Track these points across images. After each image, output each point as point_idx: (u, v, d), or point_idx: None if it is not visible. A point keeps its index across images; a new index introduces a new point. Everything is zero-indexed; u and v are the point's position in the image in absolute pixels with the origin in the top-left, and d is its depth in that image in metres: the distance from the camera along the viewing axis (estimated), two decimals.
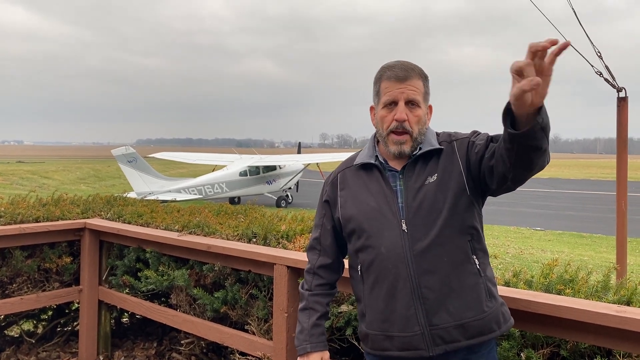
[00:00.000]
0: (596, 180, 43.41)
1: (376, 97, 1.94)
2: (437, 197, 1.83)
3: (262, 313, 3.16)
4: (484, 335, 1.82)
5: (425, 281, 1.80)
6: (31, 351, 4.29)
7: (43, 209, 4.29)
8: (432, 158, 1.90)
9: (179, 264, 3.68)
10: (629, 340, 1.89)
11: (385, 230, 1.86)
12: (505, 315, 1.90)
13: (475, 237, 1.86)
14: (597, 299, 2.16)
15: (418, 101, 1.87)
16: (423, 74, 1.91)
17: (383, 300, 1.87)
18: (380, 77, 1.91)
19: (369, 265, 1.90)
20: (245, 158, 25.38)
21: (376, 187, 1.92)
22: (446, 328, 1.79)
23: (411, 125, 1.86)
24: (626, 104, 4.55)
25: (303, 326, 2.06)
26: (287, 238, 3.33)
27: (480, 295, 1.82)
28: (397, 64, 1.89)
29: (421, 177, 1.88)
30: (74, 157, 74.57)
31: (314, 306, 2.07)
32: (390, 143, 1.89)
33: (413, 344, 1.81)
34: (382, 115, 1.90)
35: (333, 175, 2.10)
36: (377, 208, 1.89)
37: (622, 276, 3.79)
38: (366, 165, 1.97)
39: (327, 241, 2.08)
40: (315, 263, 2.10)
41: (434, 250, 1.81)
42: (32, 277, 4.07)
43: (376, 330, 1.90)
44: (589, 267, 2.53)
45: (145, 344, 4.42)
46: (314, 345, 2.03)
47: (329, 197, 2.06)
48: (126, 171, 21.36)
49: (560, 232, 15.59)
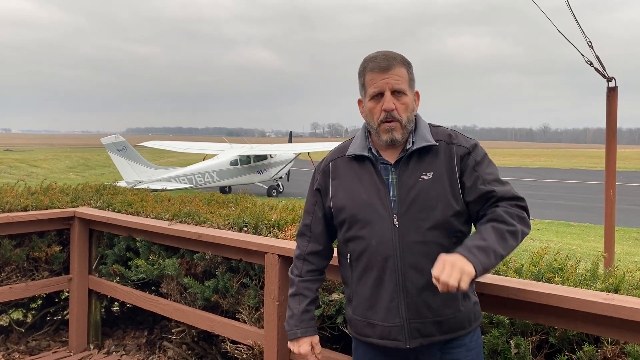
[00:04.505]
0: (584, 169, 43.75)
1: (362, 90, 1.95)
2: (430, 196, 1.85)
3: (253, 301, 3.16)
4: (456, 332, 1.90)
5: (409, 276, 1.85)
6: (21, 340, 4.27)
7: (32, 198, 4.25)
8: (427, 154, 1.90)
9: (169, 253, 3.67)
10: (617, 327, 1.91)
11: (376, 224, 1.88)
12: (476, 314, 1.97)
13: (461, 240, 1.88)
14: (585, 287, 2.18)
15: (404, 89, 1.87)
16: (406, 61, 1.91)
17: (369, 289, 1.92)
18: (363, 69, 1.92)
19: (359, 255, 1.93)
20: (236, 147, 25.29)
21: (368, 179, 1.93)
22: (424, 323, 1.86)
23: (399, 114, 1.87)
24: (616, 94, 4.58)
25: (293, 312, 2.09)
26: (279, 227, 3.33)
27: (457, 295, 1.87)
28: (379, 55, 1.89)
29: (415, 173, 1.88)
30: (63, 145, 73.91)
31: (304, 292, 2.10)
32: (382, 132, 1.89)
33: (392, 334, 1.88)
34: (370, 107, 1.91)
35: (324, 163, 2.09)
36: (369, 201, 1.90)
37: (610, 264, 3.84)
38: (359, 156, 1.97)
39: (318, 229, 2.10)
40: (306, 249, 2.12)
41: (421, 247, 1.84)
42: (21, 266, 4.05)
43: (359, 317, 1.96)
44: (577, 256, 2.55)
45: (135, 332, 4.42)
46: (304, 331, 2.07)
47: (320, 186, 2.06)
48: (116, 160, 21.22)
49: (549, 221, 15.74)
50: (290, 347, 2.11)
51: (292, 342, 2.10)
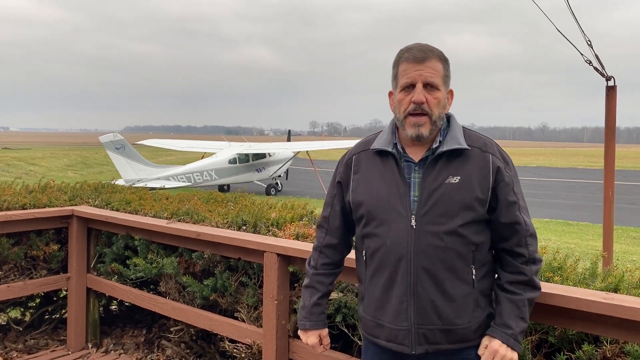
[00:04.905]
0: (583, 168, 43.80)
1: (394, 81, 1.89)
2: (453, 200, 1.79)
3: (251, 300, 3.16)
4: (464, 342, 1.86)
5: (422, 280, 1.80)
6: (19, 339, 4.26)
7: (30, 196, 4.24)
8: (457, 157, 1.83)
9: (168, 252, 3.66)
10: (616, 327, 1.91)
11: (393, 223, 1.83)
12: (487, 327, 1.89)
13: (479, 249, 1.84)
14: (585, 286, 2.18)
15: (437, 84, 1.80)
16: (443, 57, 1.84)
17: (380, 289, 1.88)
18: (398, 59, 1.86)
19: (373, 253, 1.89)
20: (234, 145, 25.26)
21: (390, 176, 1.87)
22: (432, 330, 1.82)
23: (430, 107, 1.80)
24: (614, 93, 4.58)
25: (305, 303, 2.11)
26: (277, 226, 3.33)
27: (469, 305, 1.83)
28: (416, 46, 1.83)
29: (441, 176, 1.82)
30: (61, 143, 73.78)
31: (316, 285, 2.10)
32: (408, 126, 1.82)
33: (399, 338, 1.85)
34: (399, 98, 1.84)
35: (348, 156, 2.03)
36: (388, 198, 1.85)
37: (609, 263, 3.83)
38: (383, 152, 1.91)
39: (336, 222, 2.07)
40: (322, 242, 2.11)
41: (437, 251, 1.79)
42: (19, 265, 4.03)
43: (369, 316, 1.94)
44: (576, 255, 2.55)
45: (134, 331, 4.41)
46: (312, 324, 2.09)
47: (342, 179, 2.02)
48: (114, 158, 21.18)
49: (548, 220, 15.75)
50: (300, 335, 2.15)
51: (301, 332, 2.14)
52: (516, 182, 1.87)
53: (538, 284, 1.87)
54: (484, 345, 1.84)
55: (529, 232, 1.86)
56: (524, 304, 1.82)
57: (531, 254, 1.85)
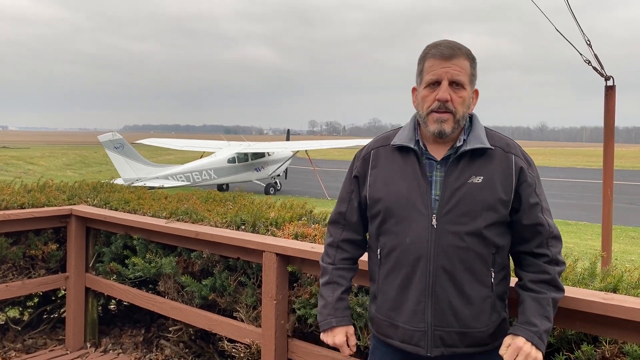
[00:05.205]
0: (581, 168, 43.84)
1: (419, 77, 1.85)
2: (476, 200, 1.76)
3: (250, 300, 3.15)
4: (480, 346, 1.82)
5: (441, 281, 1.77)
6: (17, 338, 4.25)
7: (28, 195, 4.23)
8: (480, 157, 1.80)
9: (166, 251, 3.65)
10: (615, 327, 1.91)
11: (413, 221, 1.79)
12: (503, 331, 1.86)
13: (499, 251, 1.81)
14: (584, 286, 2.18)
15: (463, 82, 1.77)
16: (471, 55, 1.81)
17: (396, 289, 1.84)
18: (424, 55, 1.82)
19: (390, 252, 1.85)
20: (233, 145, 25.24)
21: (411, 173, 1.83)
22: (449, 332, 1.78)
23: (455, 106, 1.76)
24: (614, 93, 4.58)
25: (327, 300, 2.00)
26: (276, 225, 3.32)
27: (486, 309, 1.80)
28: (444, 42, 1.79)
29: (464, 175, 1.79)
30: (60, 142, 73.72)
31: (338, 280, 2.01)
32: (430, 122, 1.79)
33: (415, 340, 1.81)
34: (423, 95, 1.81)
35: (366, 150, 1.98)
36: (408, 196, 1.81)
37: (608, 263, 3.83)
38: (404, 147, 1.87)
39: (354, 218, 2.01)
40: (340, 237, 2.03)
41: (458, 252, 1.76)
42: (18, 264, 4.03)
43: (383, 316, 1.89)
44: (575, 255, 2.55)
45: (133, 331, 4.40)
46: (339, 320, 1.98)
47: (359, 173, 1.97)
48: (113, 157, 21.16)
49: None
50: (324, 338, 2.02)
51: (325, 333, 2.00)
52: (538, 183, 1.85)
53: (562, 285, 1.83)
54: (506, 344, 1.75)
55: (552, 233, 1.83)
56: (548, 302, 1.77)
57: (554, 255, 1.82)
